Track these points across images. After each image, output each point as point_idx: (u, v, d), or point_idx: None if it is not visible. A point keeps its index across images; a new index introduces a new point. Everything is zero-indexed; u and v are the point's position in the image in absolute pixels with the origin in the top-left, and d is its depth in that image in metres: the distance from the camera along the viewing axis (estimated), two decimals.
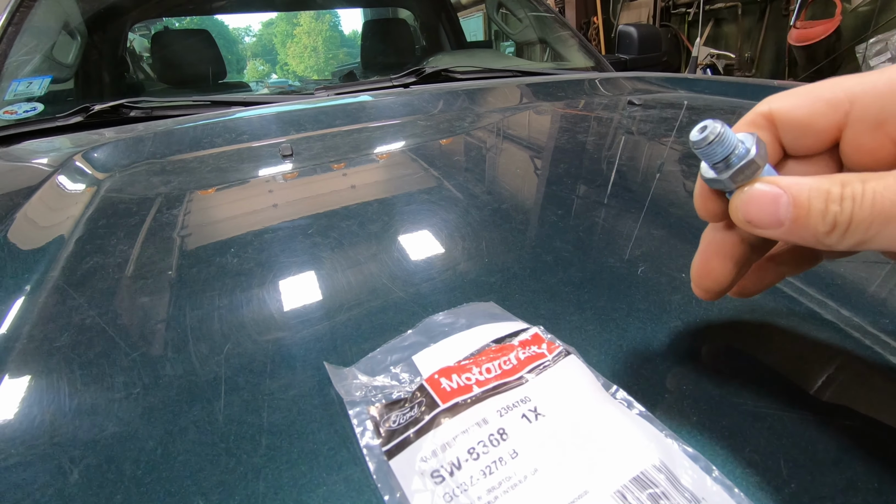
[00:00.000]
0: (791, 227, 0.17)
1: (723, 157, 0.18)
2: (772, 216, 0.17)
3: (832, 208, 0.16)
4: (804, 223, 0.16)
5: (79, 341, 0.28)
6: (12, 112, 0.86)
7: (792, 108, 0.19)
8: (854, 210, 0.16)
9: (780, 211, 0.17)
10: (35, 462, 0.21)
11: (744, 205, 0.18)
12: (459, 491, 0.18)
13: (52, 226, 0.45)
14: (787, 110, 0.19)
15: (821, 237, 0.16)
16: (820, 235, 0.16)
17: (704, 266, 0.22)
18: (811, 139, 0.19)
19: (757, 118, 0.20)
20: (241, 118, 0.78)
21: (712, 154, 0.18)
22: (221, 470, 0.20)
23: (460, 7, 5.14)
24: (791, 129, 0.19)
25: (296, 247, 0.37)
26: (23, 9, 1.01)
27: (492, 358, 0.23)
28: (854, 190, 0.16)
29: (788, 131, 0.20)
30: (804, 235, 0.17)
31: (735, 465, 0.18)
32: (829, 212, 0.16)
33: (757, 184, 0.18)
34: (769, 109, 0.20)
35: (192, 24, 1.93)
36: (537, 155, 0.59)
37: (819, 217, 0.16)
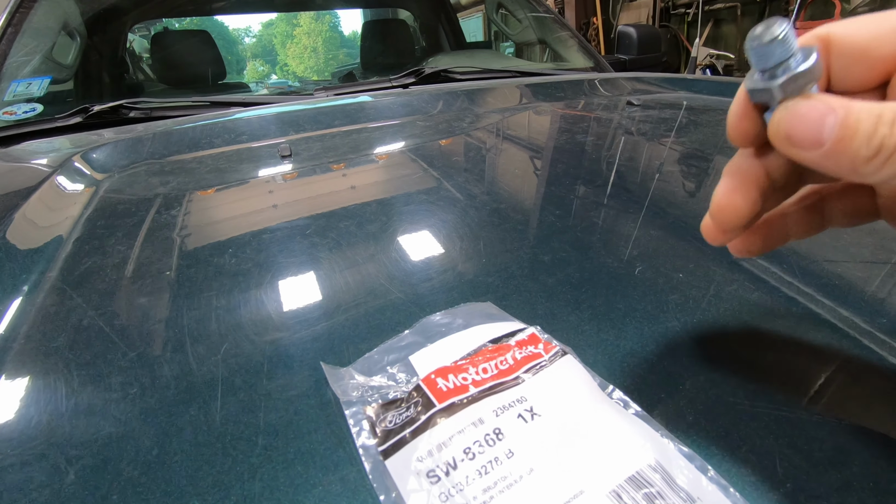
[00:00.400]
0: (832, 147, 0.16)
1: (779, 61, 0.17)
2: (815, 134, 0.16)
3: (881, 130, 0.15)
4: (847, 145, 0.16)
5: (76, 341, 0.28)
6: (12, 113, 0.86)
7: (853, 31, 0.18)
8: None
9: (826, 129, 0.16)
10: (32, 462, 0.21)
11: (789, 118, 0.17)
12: (455, 491, 0.18)
13: (50, 226, 0.45)
14: (848, 33, 0.18)
15: (859, 163, 0.16)
16: (859, 161, 0.16)
17: (727, 196, 0.21)
18: (864, 68, 0.18)
19: (812, 40, 0.19)
20: (240, 119, 0.78)
21: (769, 55, 0.17)
22: (218, 470, 0.20)
23: (460, 8, 5.15)
24: (847, 53, 0.18)
25: (294, 247, 0.37)
26: (22, 9, 1.01)
27: (488, 358, 0.23)
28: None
29: (843, 56, 0.18)
30: (841, 161, 0.16)
31: (731, 464, 0.18)
32: (877, 134, 0.15)
33: (807, 98, 0.17)
34: (827, 32, 0.18)
35: (192, 24, 1.93)
36: (536, 155, 0.59)
37: (864, 139, 0.15)
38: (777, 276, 0.30)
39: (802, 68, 0.17)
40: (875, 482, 0.18)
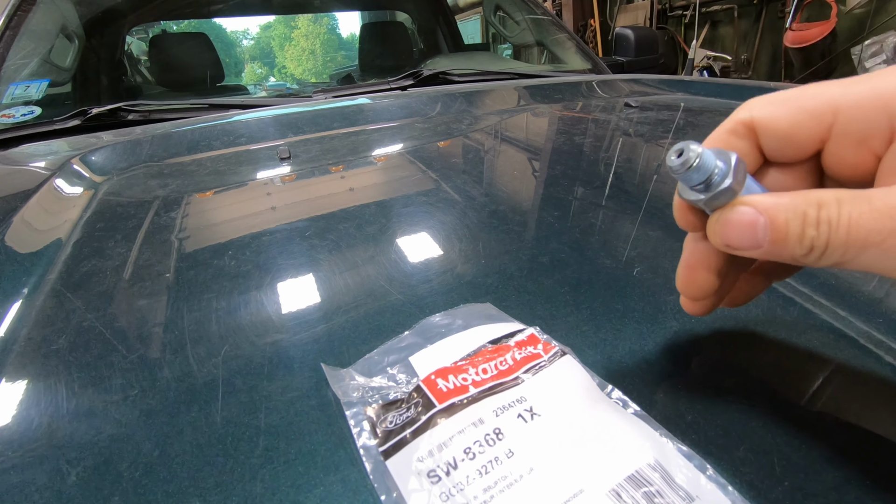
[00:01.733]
0: (770, 248, 0.17)
1: (700, 182, 0.18)
2: (750, 239, 0.17)
3: (809, 232, 0.16)
4: (782, 245, 0.16)
5: (76, 344, 0.28)
6: (10, 116, 0.86)
7: (773, 117, 0.19)
8: (830, 235, 0.16)
9: (759, 234, 0.17)
10: (33, 464, 0.21)
11: (722, 228, 0.18)
12: (456, 490, 0.18)
13: (49, 229, 0.45)
14: (769, 120, 0.19)
15: (798, 258, 0.16)
16: (798, 256, 0.16)
17: (688, 276, 0.22)
18: (792, 150, 0.19)
19: (737, 126, 0.20)
20: (238, 121, 0.79)
21: (689, 179, 0.18)
22: (219, 471, 0.20)
23: (457, 10, 5.16)
24: (772, 139, 0.19)
25: (293, 249, 0.37)
26: (20, 12, 1.01)
27: (488, 358, 0.23)
28: (830, 214, 0.16)
29: (769, 141, 0.19)
30: (783, 255, 0.17)
31: (729, 463, 0.19)
32: (805, 236, 0.16)
33: (735, 207, 0.17)
34: (750, 118, 0.19)
35: (190, 27, 1.93)
36: (534, 157, 0.59)
37: (796, 240, 0.16)
38: None
39: (721, 189, 0.18)
40: (873, 481, 0.18)
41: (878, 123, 0.17)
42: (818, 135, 0.18)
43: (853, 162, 0.18)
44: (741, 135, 0.20)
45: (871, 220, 0.15)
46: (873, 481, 0.18)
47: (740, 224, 0.17)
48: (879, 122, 0.17)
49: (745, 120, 0.19)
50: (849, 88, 0.17)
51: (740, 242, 0.17)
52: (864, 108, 0.17)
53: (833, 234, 0.15)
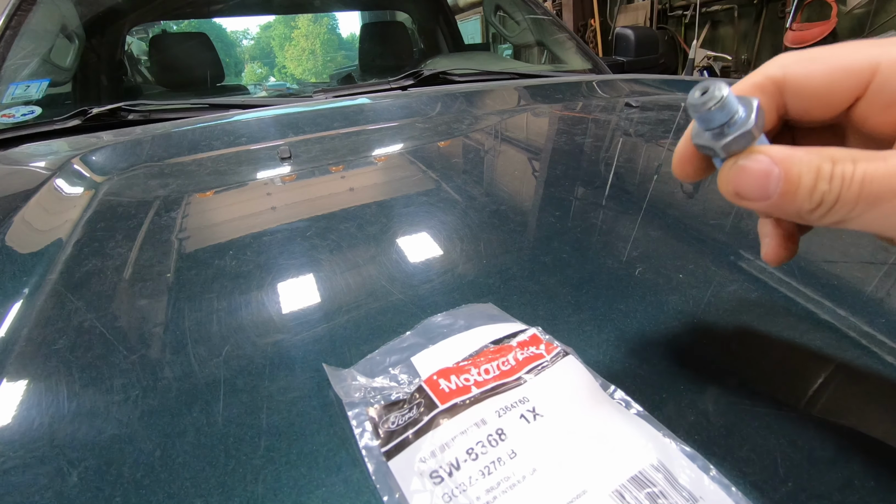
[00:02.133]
0: (778, 200, 0.17)
1: (719, 125, 0.17)
2: (761, 189, 0.17)
3: (821, 186, 0.16)
4: (791, 199, 0.16)
5: (77, 344, 0.28)
6: (10, 115, 0.86)
7: (808, 74, 0.18)
8: (842, 191, 0.16)
9: (770, 184, 0.17)
10: (34, 464, 0.21)
11: (735, 177, 0.17)
12: (458, 491, 0.18)
13: (50, 229, 0.45)
14: (803, 77, 0.18)
15: (804, 213, 0.16)
16: (803, 211, 0.16)
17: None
18: (821, 109, 0.19)
19: (766, 82, 0.19)
20: (239, 121, 0.78)
21: (710, 119, 0.17)
22: (221, 472, 0.20)
23: (458, 10, 5.16)
24: (802, 97, 0.19)
25: (294, 249, 0.37)
26: (20, 12, 1.01)
27: (490, 359, 0.23)
28: (844, 170, 0.16)
29: (798, 100, 0.19)
30: (788, 210, 0.17)
31: (732, 463, 0.19)
32: (817, 190, 0.16)
33: (751, 154, 0.17)
34: (783, 75, 0.19)
35: (190, 27, 1.93)
36: (535, 157, 0.59)
37: (806, 194, 0.16)
38: (776, 276, 0.30)
39: (741, 132, 0.17)
40: (876, 481, 0.18)
41: None
42: (853, 92, 0.18)
43: (878, 122, 0.18)
44: (768, 91, 0.19)
45: (885, 177, 0.15)
46: (877, 482, 0.18)
47: (754, 172, 0.17)
48: None
49: (775, 76, 0.19)
50: (889, 49, 0.17)
51: (751, 192, 0.17)
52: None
53: (845, 190, 0.15)
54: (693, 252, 0.33)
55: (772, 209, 0.17)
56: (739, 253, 0.33)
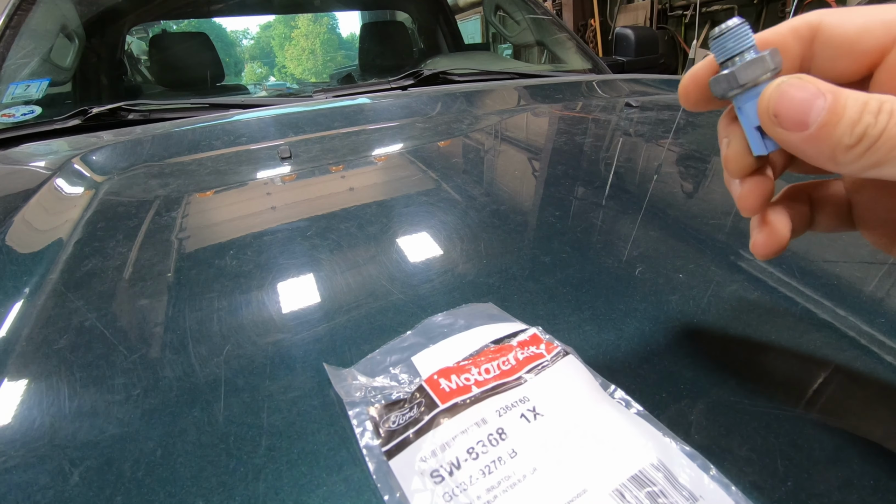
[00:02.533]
0: (816, 132, 0.16)
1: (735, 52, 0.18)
2: (802, 116, 0.16)
3: (866, 119, 0.15)
4: (831, 131, 0.16)
5: (78, 344, 0.28)
6: (10, 115, 0.86)
7: (843, 22, 0.18)
8: (889, 125, 0.15)
9: (813, 112, 0.16)
10: (35, 464, 0.21)
11: (778, 97, 0.17)
12: (459, 490, 0.18)
13: (50, 229, 0.45)
14: (837, 23, 0.18)
15: (840, 151, 0.16)
16: (840, 149, 0.16)
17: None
18: (849, 61, 0.18)
19: (802, 27, 0.19)
20: (239, 121, 0.78)
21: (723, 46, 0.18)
22: (222, 471, 0.20)
23: (458, 10, 5.16)
24: (834, 45, 0.18)
25: (295, 249, 0.37)
26: (20, 12, 1.01)
27: (490, 358, 0.23)
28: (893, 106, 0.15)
29: (830, 47, 0.19)
30: (822, 147, 0.16)
31: (732, 463, 0.19)
32: (861, 122, 0.15)
33: (799, 78, 0.17)
34: (819, 20, 0.19)
35: (190, 26, 1.93)
36: (535, 157, 0.59)
37: (848, 126, 0.15)
38: (776, 276, 0.30)
39: (756, 55, 0.18)
40: (876, 480, 0.18)
41: None
42: (884, 44, 0.17)
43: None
44: (801, 33, 0.19)
45: None
46: (876, 481, 0.18)
47: (799, 97, 0.16)
48: None
49: (811, 20, 0.19)
50: None
51: (791, 116, 0.16)
52: None
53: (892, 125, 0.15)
54: (693, 252, 0.33)
55: (806, 143, 0.16)
56: (739, 253, 0.33)
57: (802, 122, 0.16)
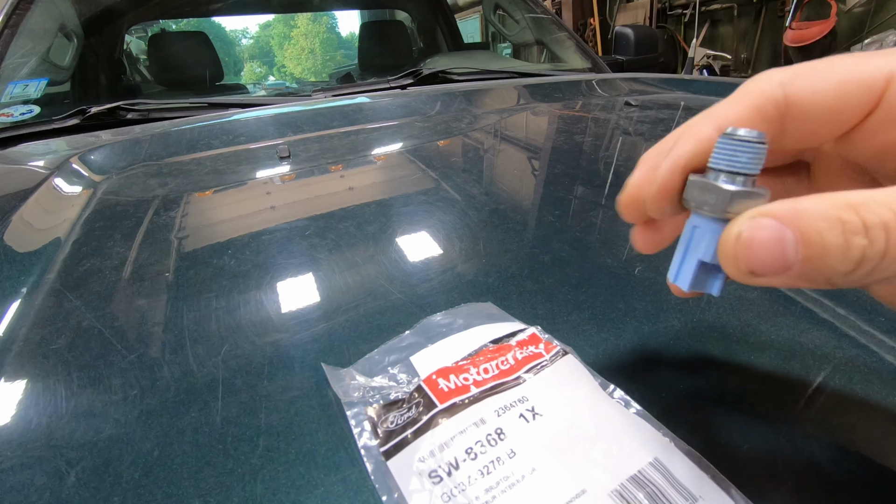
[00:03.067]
0: (802, 269, 0.13)
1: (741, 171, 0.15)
2: (779, 260, 0.13)
3: (857, 242, 0.12)
4: (818, 263, 0.13)
5: (75, 343, 0.28)
6: (8, 115, 0.85)
7: (815, 90, 0.15)
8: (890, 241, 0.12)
9: (788, 252, 0.13)
10: (32, 464, 0.21)
11: (746, 250, 0.14)
12: (457, 491, 0.18)
13: (48, 228, 0.45)
14: (809, 94, 0.15)
15: (838, 277, 0.13)
16: (838, 276, 0.13)
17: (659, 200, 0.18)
18: (828, 131, 0.16)
19: (767, 106, 0.16)
20: (237, 120, 0.78)
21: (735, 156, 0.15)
22: (219, 471, 0.20)
23: (457, 9, 5.15)
24: (810, 120, 0.16)
25: (293, 248, 0.37)
26: (19, 11, 1.00)
27: (489, 358, 0.23)
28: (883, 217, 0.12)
29: (804, 122, 0.16)
30: (816, 278, 0.13)
31: (732, 463, 0.18)
32: (852, 246, 0.12)
33: (752, 222, 0.14)
34: (784, 93, 0.16)
35: (189, 26, 1.92)
36: (534, 156, 0.59)
37: (839, 255, 0.13)
38: None
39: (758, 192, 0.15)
40: (876, 480, 0.18)
41: None
42: (866, 107, 0.15)
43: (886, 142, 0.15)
44: (769, 116, 0.16)
45: None
46: (877, 481, 0.18)
47: (764, 242, 0.13)
48: None
49: (776, 98, 0.16)
50: None
51: (767, 266, 0.14)
52: None
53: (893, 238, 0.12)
54: None
55: (800, 280, 0.14)
56: None
57: (782, 265, 0.13)
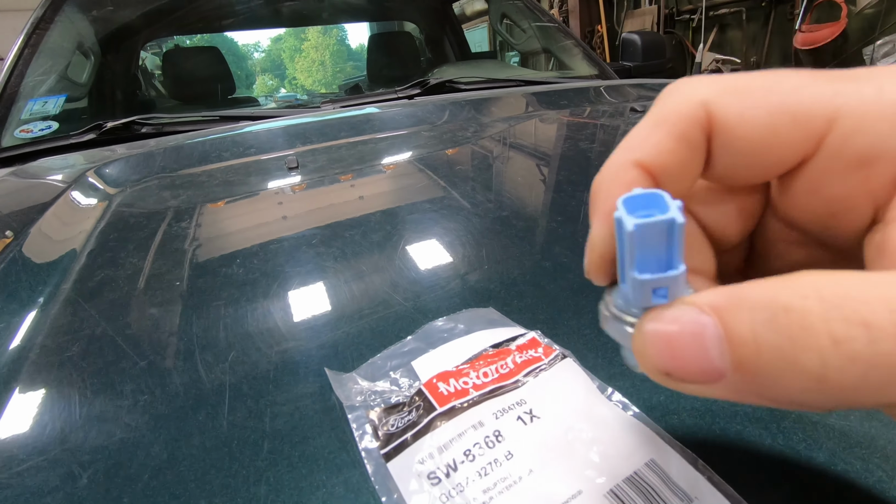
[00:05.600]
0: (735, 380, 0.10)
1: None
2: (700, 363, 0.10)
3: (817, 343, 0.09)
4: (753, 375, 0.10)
5: (89, 351, 0.29)
6: (28, 130, 0.88)
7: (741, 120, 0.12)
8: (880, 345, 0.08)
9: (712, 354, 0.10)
10: (46, 467, 0.21)
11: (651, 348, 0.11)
12: (455, 492, 0.18)
13: (65, 240, 0.46)
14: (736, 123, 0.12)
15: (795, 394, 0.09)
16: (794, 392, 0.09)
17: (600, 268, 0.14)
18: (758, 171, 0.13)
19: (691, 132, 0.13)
20: (248, 132, 0.80)
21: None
22: (225, 474, 0.20)
23: (465, 19, 5.19)
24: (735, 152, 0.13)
25: (300, 257, 0.38)
26: (38, 31, 1.04)
27: (489, 362, 0.24)
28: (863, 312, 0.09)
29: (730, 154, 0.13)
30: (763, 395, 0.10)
31: (729, 464, 0.19)
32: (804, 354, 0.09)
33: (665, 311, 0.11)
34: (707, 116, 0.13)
35: (202, 41, 1.97)
36: (540, 163, 0.59)
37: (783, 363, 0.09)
38: None
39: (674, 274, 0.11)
40: (875, 481, 0.18)
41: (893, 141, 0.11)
42: (801, 150, 0.12)
43: (835, 194, 0.12)
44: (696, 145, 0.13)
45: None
46: (874, 481, 0.17)
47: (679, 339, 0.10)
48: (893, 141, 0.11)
49: (700, 120, 0.13)
50: (847, 86, 0.12)
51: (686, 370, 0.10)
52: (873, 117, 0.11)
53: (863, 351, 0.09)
54: None
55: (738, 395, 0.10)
56: None
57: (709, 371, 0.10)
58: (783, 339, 0.09)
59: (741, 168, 0.13)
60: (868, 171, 0.11)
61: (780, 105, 0.12)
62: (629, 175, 0.13)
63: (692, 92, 0.13)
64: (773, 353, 0.09)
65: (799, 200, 0.13)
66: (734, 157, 0.13)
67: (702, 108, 0.13)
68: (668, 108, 0.13)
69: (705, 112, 0.13)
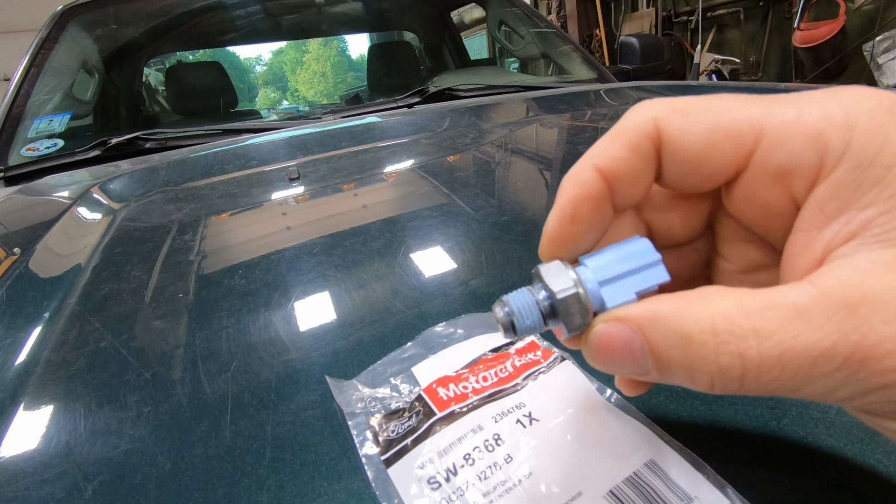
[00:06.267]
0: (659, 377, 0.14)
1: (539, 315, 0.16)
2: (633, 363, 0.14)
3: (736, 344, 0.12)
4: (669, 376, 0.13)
5: (94, 364, 0.29)
6: (35, 149, 0.89)
7: (685, 134, 0.15)
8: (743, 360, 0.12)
9: (638, 357, 0.14)
10: (53, 479, 0.22)
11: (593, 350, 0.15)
12: (456, 496, 0.18)
13: (70, 255, 0.47)
14: (679, 136, 0.15)
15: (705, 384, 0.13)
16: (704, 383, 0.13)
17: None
18: (699, 178, 0.15)
19: (642, 143, 0.15)
20: (250, 144, 0.81)
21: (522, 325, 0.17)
22: (228, 482, 0.21)
23: (463, 27, 5.23)
24: (680, 162, 0.15)
25: (301, 267, 0.38)
26: (43, 51, 1.06)
27: (488, 366, 0.24)
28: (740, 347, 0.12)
29: (676, 164, 0.15)
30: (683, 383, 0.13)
31: (728, 464, 0.19)
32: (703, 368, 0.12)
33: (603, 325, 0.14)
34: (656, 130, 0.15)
35: (205, 56, 1.99)
36: (538, 167, 0.59)
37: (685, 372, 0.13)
38: None
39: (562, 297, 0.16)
40: (873, 480, 0.17)
41: (806, 157, 0.13)
42: (734, 162, 0.14)
43: (765, 201, 0.15)
44: (644, 152, 0.15)
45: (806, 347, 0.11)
46: (873, 480, 0.17)
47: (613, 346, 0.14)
48: (807, 156, 0.13)
49: (651, 133, 0.15)
50: (773, 109, 0.14)
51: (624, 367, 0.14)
52: (791, 135, 0.13)
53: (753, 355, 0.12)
54: None
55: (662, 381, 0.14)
56: None
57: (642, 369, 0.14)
58: (686, 361, 0.13)
59: (687, 176, 0.16)
60: (787, 182, 0.14)
61: (715, 123, 0.14)
62: (587, 176, 0.16)
63: (646, 110, 0.16)
64: (679, 367, 0.13)
65: (741, 206, 0.16)
66: (679, 167, 0.15)
67: (652, 123, 0.15)
68: (626, 123, 0.16)
69: (655, 127, 0.15)
